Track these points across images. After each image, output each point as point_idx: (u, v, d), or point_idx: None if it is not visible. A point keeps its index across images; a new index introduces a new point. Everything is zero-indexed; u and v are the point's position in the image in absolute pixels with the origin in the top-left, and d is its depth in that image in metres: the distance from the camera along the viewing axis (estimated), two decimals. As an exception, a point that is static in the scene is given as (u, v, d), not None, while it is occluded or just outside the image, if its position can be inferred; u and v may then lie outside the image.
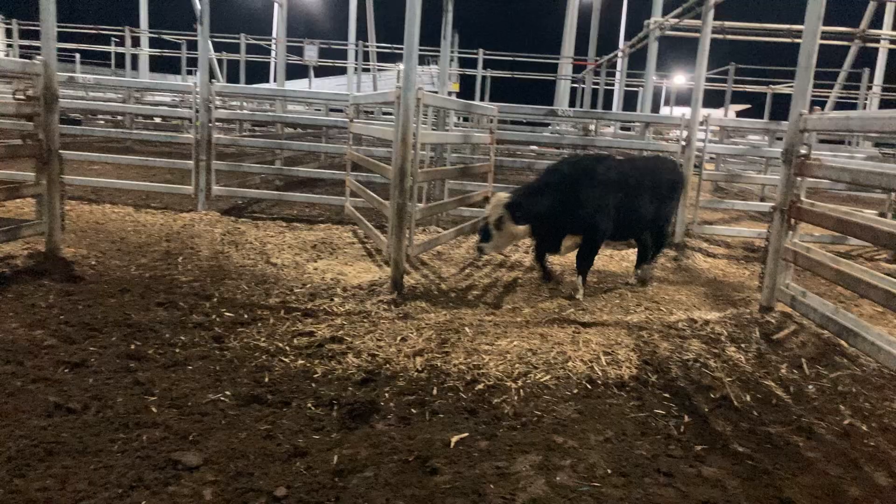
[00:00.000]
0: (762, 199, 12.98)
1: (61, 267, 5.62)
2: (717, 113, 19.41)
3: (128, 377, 3.71)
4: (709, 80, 17.91)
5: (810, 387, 4.18)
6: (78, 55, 25.41)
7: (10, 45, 24.06)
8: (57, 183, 5.77)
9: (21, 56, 22.19)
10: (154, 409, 3.36)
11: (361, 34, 25.06)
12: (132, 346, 4.14)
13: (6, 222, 5.89)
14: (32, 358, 3.81)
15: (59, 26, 5.69)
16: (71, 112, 15.16)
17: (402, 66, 5.81)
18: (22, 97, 5.44)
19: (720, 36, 11.30)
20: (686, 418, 3.65)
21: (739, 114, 28.41)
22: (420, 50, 5.71)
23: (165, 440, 3.08)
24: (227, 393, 3.61)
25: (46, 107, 5.55)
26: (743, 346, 4.85)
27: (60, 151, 5.76)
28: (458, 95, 21.88)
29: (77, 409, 3.27)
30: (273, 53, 26.40)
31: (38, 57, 5.61)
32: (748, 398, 3.96)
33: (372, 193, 7.45)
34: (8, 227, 5.59)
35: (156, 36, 25.44)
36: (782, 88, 21.93)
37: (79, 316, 4.56)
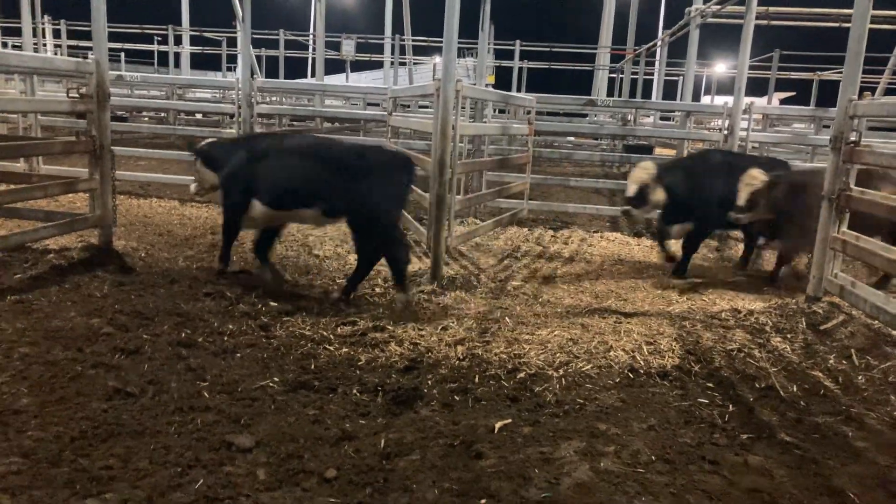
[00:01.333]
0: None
1: (114, 259, 5.82)
2: (760, 101, 18.95)
3: (180, 363, 3.84)
4: (752, 67, 17.47)
5: (860, 377, 4.10)
6: (122, 54, 26.09)
7: (58, 46, 24.80)
8: (109, 178, 5.97)
9: (69, 55, 22.87)
10: (206, 394, 3.48)
11: (397, 28, 25.15)
12: (183, 334, 4.28)
13: (62, 216, 6.12)
14: (91, 345, 3.98)
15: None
16: (118, 109, 15.59)
17: (437, 60, 5.85)
18: (76, 95, 5.64)
19: (764, 22, 11.04)
20: (731, 408, 3.62)
21: (783, 101, 27.68)
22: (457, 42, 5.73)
23: (219, 423, 3.20)
24: (276, 379, 3.72)
25: (99, 104, 5.74)
26: (789, 336, 4.78)
27: (112, 147, 5.96)
28: (494, 87, 21.81)
29: (135, 393, 3.41)
30: (311, 49, 26.70)
31: (91, 56, 5.81)
32: (795, 388, 3.91)
33: (411, 185, 7.51)
34: (64, 221, 5.81)
35: (197, 34, 25.94)
36: (829, 75, 21.29)
37: (132, 305, 4.72)
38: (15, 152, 6.39)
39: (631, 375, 4.01)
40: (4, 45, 20.04)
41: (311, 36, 26.47)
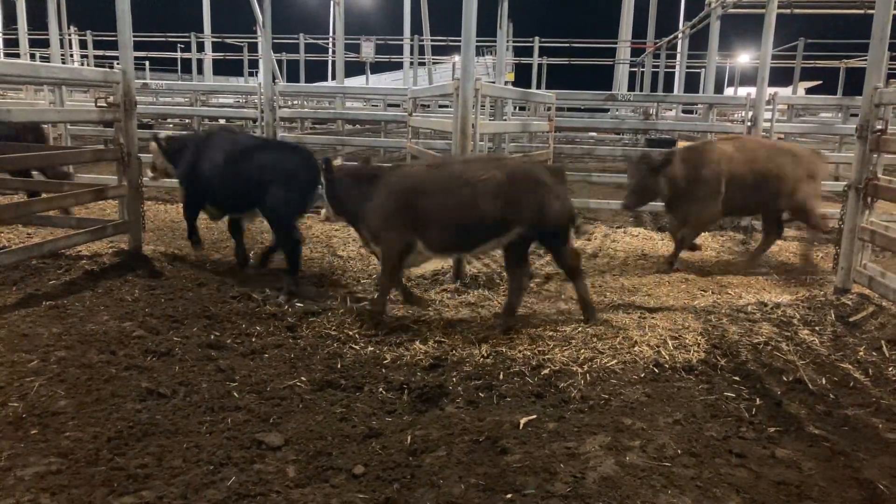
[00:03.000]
0: (836, 179, 12.44)
1: (143, 263, 5.94)
2: (785, 91, 18.66)
3: (210, 365, 3.93)
4: (776, 57, 17.20)
5: (890, 369, 4.04)
6: (147, 62, 26.53)
7: (84, 56, 25.31)
8: (137, 184, 6.10)
9: (95, 65, 23.33)
10: (236, 394, 3.56)
11: (416, 29, 25.19)
12: (212, 336, 4.37)
13: (93, 222, 6.27)
14: (124, 347, 4.08)
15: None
16: (143, 117, 15.87)
17: (457, 59, 5.88)
18: (104, 105, 5.77)
19: (787, 11, 10.89)
20: (758, 401, 3.60)
21: (810, 90, 27.19)
22: (475, 40, 5.75)
23: (248, 422, 3.27)
24: (303, 378, 3.78)
25: (126, 113, 5.87)
26: (817, 328, 4.72)
27: (139, 155, 6.09)
28: (514, 84, 21.76)
29: (167, 394, 3.50)
30: (331, 52, 26.88)
31: (117, 66, 5.94)
32: (823, 381, 3.87)
33: (432, 185, 7.55)
34: (95, 227, 5.95)
35: (219, 40, 26.26)
36: (856, 62, 20.88)
37: (162, 308, 4.83)
38: (47, 161, 6.56)
39: (656, 370, 4.00)
40: (32, 56, 20.50)
41: (330, 39, 26.65)
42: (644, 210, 8.71)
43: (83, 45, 24.95)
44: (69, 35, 22.49)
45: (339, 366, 3.99)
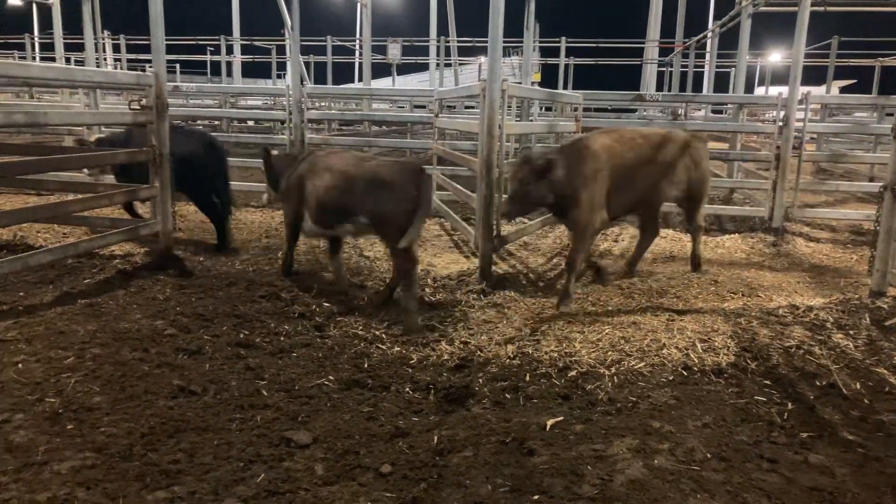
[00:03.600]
0: (871, 180, 12.17)
1: (174, 263, 6.05)
2: (818, 90, 18.30)
3: (239, 363, 3.98)
4: (809, 55, 16.87)
5: (927, 374, 3.94)
6: (178, 65, 27.00)
7: (117, 60, 25.84)
8: (169, 185, 6.21)
9: (128, 69, 23.79)
10: (265, 392, 3.61)
11: (442, 30, 25.23)
12: (241, 335, 4.43)
13: (125, 222, 6.40)
14: (155, 345, 4.16)
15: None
16: (174, 119, 16.14)
17: (483, 60, 5.90)
18: (137, 107, 5.88)
19: (821, 9, 10.68)
20: (789, 405, 3.54)
21: (844, 89, 26.63)
22: (502, 41, 5.74)
23: (277, 420, 3.31)
24: (331, 378, 3.82)
25: (158, 115, 5.97)
26: (851, 332, 4.62)
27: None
28: (540, 85, 21.67)
29: (198, 392, 3.56)
30: (357, 53, 27.06)
31: (149, 69, 6.05)
32: (858, 386, 3.79)
33: (458, 186, 7.57)
34: (128, 227, 6.07)
35: (248, 43, 26.61)
36: (892, 61, 20.40)
37: (193, 307, 4.91)
38: (83, 163, 6.71)
39: (685, 373, 3.95)
40: (68, 60, 20.96)
41: (357, 41, 26.83)
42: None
43: (116, 49, 25.51)
44: (103, 39, 22.99)
45: (366, 365, 4.03)
